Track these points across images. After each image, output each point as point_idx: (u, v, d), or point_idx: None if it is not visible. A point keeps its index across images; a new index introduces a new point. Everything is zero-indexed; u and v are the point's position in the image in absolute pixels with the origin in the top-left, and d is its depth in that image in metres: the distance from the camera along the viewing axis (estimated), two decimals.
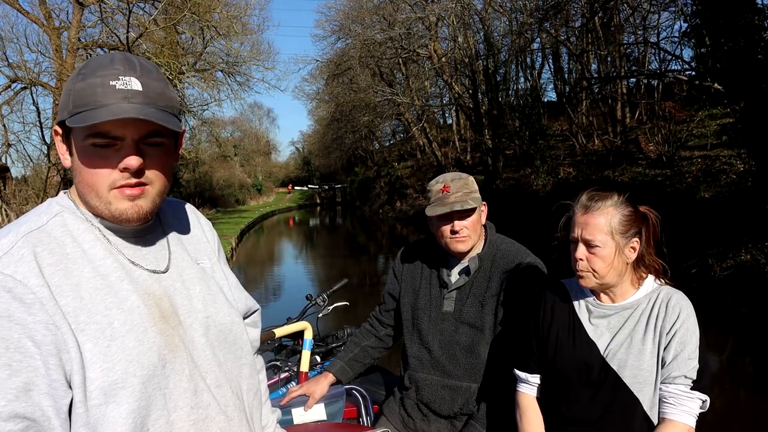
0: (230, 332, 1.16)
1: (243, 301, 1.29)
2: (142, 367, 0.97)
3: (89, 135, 0.97)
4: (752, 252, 9.27)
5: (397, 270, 2.27)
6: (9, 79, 16.91)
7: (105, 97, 0.95)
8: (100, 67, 0.98)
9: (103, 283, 0.99)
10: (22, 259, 0.93)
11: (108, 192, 1.00)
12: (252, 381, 1.23)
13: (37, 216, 1.02)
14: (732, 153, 13.09)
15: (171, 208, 1.23)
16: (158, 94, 1.00)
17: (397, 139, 44.60)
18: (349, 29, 29.15)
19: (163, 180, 1.05)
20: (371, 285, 11.73)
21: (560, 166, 19.06)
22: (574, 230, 1.63)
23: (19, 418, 0.87)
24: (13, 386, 0.87)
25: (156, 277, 1.07)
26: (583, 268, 1.61)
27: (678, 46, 17.88)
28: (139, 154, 0.99)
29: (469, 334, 2.01)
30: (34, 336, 0.90)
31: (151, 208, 1.04)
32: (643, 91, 19.69)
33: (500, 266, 2.02)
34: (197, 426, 1.04)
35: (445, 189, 2.02)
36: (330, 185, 59.64)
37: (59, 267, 0.96)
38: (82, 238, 1.02)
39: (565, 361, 1.68)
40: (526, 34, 21.36)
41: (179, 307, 1.08)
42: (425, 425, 2.09)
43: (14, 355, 0.88)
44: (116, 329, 0.97)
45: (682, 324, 1.57)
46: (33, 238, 0.97)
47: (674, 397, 1.55)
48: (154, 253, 1.10)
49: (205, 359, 1.09)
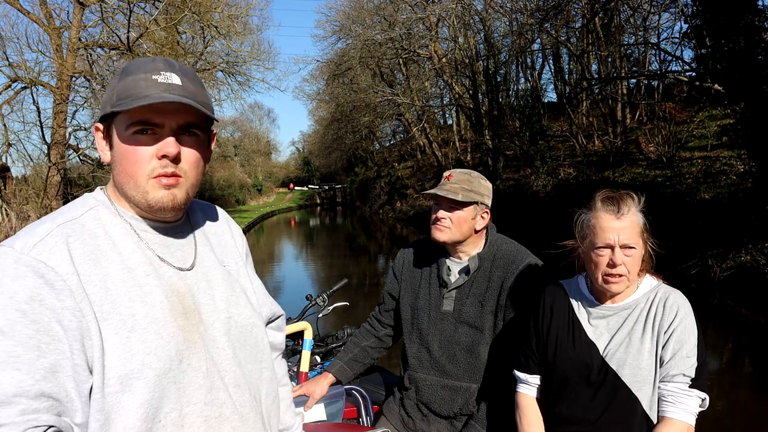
0: (251, 334, 1.19)
1: (268, 306, 1.33)
2: (158, 360, 1.00)
3: (131, 124, 1.03)
4: (752, 253, 9.27)
5: (397, 270, 2.27)
6: (9, 78, 16.92)
7: (147, 89, 1.01)
8: (143, 65, 1.05)
9: (129, 276, 1.03)
10: (55, 247, 0.98)
11: (146, 181, 1.04)
12: (271, 385, 1.24)
13: (73, 208, 1.07)
14: (732, 154, 13.10)
15: (202, 210, 1.28)
16: (195, 91, 1.07)
17: (398, 139, 44.61)
18: (349, 30, 29.17)
19: (195, 174, 1.09)
20: (371, 285, 11.73)
21: (560, 167, 19.07)
22: (604, 237, 1.58)
23: (45, 397, 0.91)
24: (41, 366, 0.92)
25: (181, 275, 1.10)
26: (622, 273, 1.59)
27: (678, 46, 17.93)
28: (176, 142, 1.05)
29: (469, 333, 2.01)
30: (62, 320, 0.95)
31: (184, 198, 1.08)
32: (643, 91, 19.68)
33: (500, 266, 2.02)
34: (209, 423, 1.06)
35: (448, 177, 2.04)
36: (330, 185, 59.63)
37: (89, 257, 1.01)
38: (114, 232, 1.06)
39: (565, 361, 1.68)
40: (527, 34, 21.36)
41: (202, 305, 1.11)
42: (425, 425, 2.09)
43: (43, 337, 0.93)
44: (137, 321, 1.00)
45: (679, 322, 1.57)
46: (67, 229, 1.02)
47: (673, 395, 1.55)
48: (181, 250, 1.14)
49: (225, 358, 1.11)
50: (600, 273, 1.61)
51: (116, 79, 1.06)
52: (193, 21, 17.96)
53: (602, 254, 1.60)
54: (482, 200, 2.03)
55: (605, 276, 1.60)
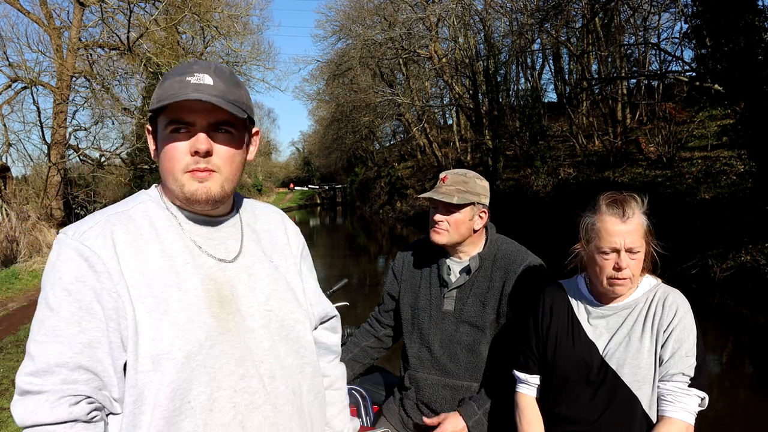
0: (293, 330, 1.21)
1: (320, 306, 1.37)
2: (187, 343, 1.05)
3: (168, 123, 1.11)
4: (752, 253, 9.27)
5: (397, 270, 2.27)
6: (9, 78, 16.91)
7: (180, 90, 1.09)
8: (180, 68, 1.14)
9: (168, 264, 1.10)
10: (101, 234, 1.08)
11: (182, 175, 1.11)
12: (314, 382, 1.26)
13: (126, 202, 1.19)
14: (732, 154, 13.09)
15: (256, 208, 1.34)
16: (227, 90, 1.12)
17: (398, 139, 44.59)
18: (349, 30, 29.17)
19: (230, 168, 1.14)
20: (371, 285, 11.73)
21: (560, 167, 19.07)
22: (609, 240, 1.58)
23: (83, 369, 1.01)
24: (80, 341, 1.02)
25: (222, 266, 1.16)
26: (627, 276, 1.58)
27: (678, 47, 17.94)
28: (208, 139, 1.11)
29: (470, 333, 2.01)
30: (102, 300, 1.04)
31: (218, 191, 1.13)
32: (643, 92, 19.68)
33: (501, 266, 2.02)
34: (238, 409, 1.09)
35: (444, 179, 2.04)
36: (330, 185, 59.63)
37: (131, 245, 1.09)
38: (159, 224, 1.14)
39: (565, 361, 1.68)
40: (527, 34, 21.36)
41: (241, 296, 1.15)
42: (425, 425, 2.09)
43: (84, 315, 1.03)
44: (170, 305, 1.06)
45: (678, 322, 1.57)
46: (114, 219, 1.12)
47: (672, 394, 1.55)
48: (225, 243, 1.19)
49: (262, 349, 1.14)
50: (605, 276, 1.60)
51: (160, 83, 1.15)
52: (193, 21, 17.97)
53: (608, 258, 1.59)
54: (479, 200, 2.02)
55: (610, 279, 1.60)
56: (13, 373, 5.36)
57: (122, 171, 20.07)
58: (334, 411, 1.38)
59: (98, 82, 16.98)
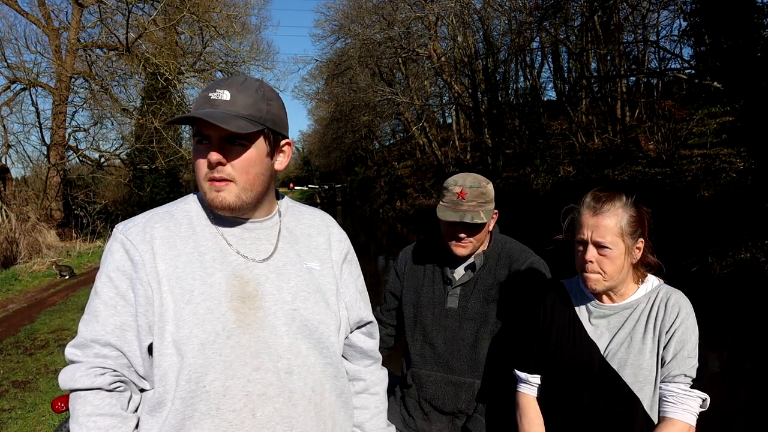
0: (316, 330, 1.25)
1: (356, 312, 1.40)
2: (204, 332, 1.14)
3: (193, 135, 1.22)
4: (752, 250, 9.27)
5: (400, 269, 2.27)
6: (8, 79, 16.90)
7: (199, 106, 1.19)
8: (212, 83, 1.22)
9: (197, 259, 1.20)
10: (143, 230, 1.21)
11: (204, 182, 1.21)
12: (338, 383, 1.30)
13: (173, 203, 1.31)
14: (732, 151, 13.09)
15: (304, 214, 1.40)
16: (246, 104, 1.18)
17: (397, 138, 44.57)
18: (348, 29, 29.15)
19: (246, 178, 1.20)
20: (372, 285, 11.66)
21: (560, 165, 19.06)
22: (581, 232, 1.60)
23: (111, 347, 1.16)
24: (113, 323, 1.16)
25: (250, 264, 1.23)
26: (593, 270, 1.59)
27: (677, 44, 17.93)
28: (221, 151, 1.18)
29: (474, 330, 2.01)
30: (135, 288, 1.17)
31: (233, 200, 1.20)
32: (642, 89, 19.68)
33: (505, 264, 2.03)
34: (250, 398, 1.16)
35: (461, 194, 1.97)
36: (330, 185, 59.54)
37: (168, 240, 1.20)
38: (198, 223, 1.25)
39: (566, 361, 1.68)
40: (526, 33, 21.35)
41: (266, 294, 1.22)
42: (426, 425, 2.09)
43: (120, 300, 1.17)
44: (194, 296, 1.16)
45: (681, 323, 1.57)
46: (158, 217, 1.24)
47: (674, 395, 1.55)
48: (257, 244, 1.26)
49: (281, 345, 1.20)
50: (579, 269, 1.64)
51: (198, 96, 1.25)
52: (192, 21, 17.96)
53: (579, 250, 1.62)
54: (494, 206, 2.04)
55: (582, 273, 1.63)
56: (12, 375, 5.35)
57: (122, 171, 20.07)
58: (367, 415, 1.41)
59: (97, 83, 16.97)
